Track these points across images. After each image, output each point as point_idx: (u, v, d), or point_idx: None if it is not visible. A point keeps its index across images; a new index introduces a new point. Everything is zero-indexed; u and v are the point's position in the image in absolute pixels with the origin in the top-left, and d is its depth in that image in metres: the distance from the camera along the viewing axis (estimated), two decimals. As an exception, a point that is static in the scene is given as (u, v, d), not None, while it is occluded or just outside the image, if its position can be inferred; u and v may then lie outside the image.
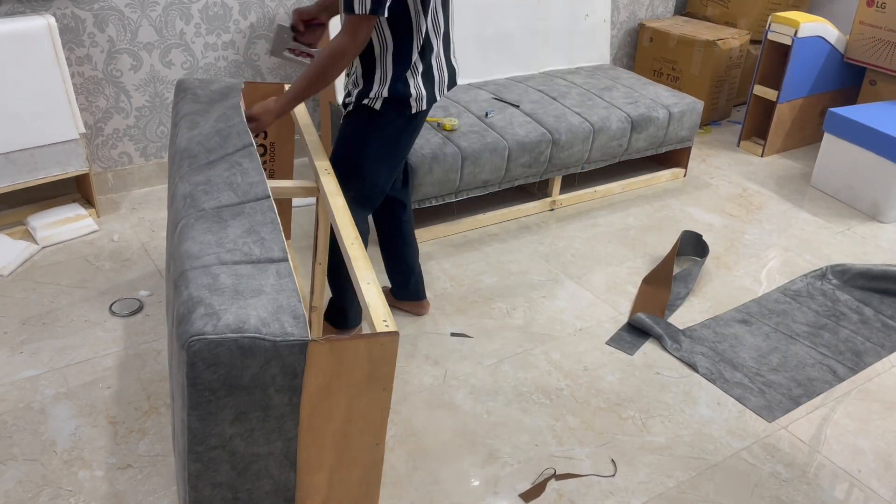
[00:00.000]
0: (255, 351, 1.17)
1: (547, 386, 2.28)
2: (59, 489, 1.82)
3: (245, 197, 1.54)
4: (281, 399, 1.23)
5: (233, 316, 1.18)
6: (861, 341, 2.58)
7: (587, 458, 2.03)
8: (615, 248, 3.05)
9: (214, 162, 1.64)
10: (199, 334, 1.15)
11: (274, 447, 1.28)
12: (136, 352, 2.29)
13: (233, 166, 1.63)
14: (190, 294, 1.23)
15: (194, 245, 1.36)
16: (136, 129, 3.12)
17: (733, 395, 2.29)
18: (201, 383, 1.17)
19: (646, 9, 4.44)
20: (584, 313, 2.63)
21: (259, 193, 1.54)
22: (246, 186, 1.56)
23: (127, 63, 2.97)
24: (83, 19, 2.82)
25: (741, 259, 3.04)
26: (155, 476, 1.87)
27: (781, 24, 3.76)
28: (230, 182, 1.58)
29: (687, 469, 2.02)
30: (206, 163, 1.64)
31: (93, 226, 2.89)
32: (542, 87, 3.50)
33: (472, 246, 2.99)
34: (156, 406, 2.09)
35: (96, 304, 2.48)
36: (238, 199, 1.53)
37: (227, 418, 1.22)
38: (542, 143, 3.06)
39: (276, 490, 1.34)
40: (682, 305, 2.71)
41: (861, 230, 3.33)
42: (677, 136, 3.53)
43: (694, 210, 3.40)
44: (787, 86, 3.84)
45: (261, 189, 1.55)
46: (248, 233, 1.43)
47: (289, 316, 1.22)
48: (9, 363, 2.21)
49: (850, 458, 2.10)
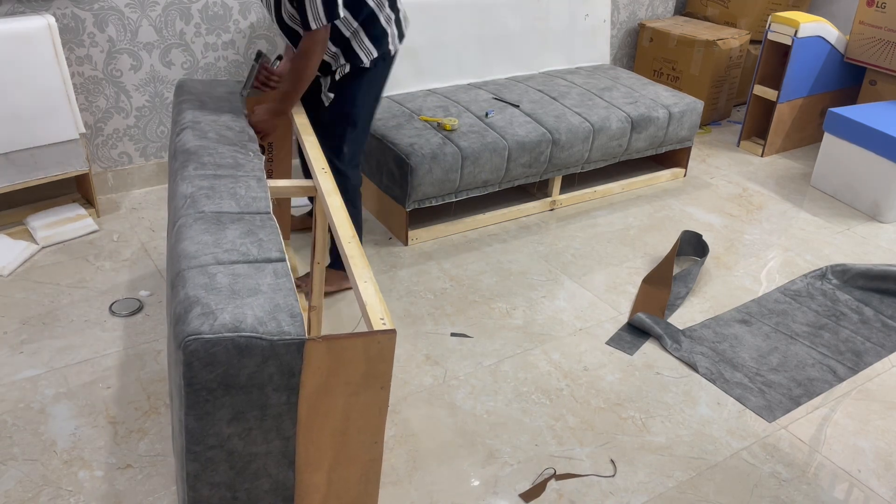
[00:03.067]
0: (251, 350, 1.17)
1: (547, 386, 2.28)
2: (59, 489, 1.82)
3: (246, 209, 1.55)
4: (278, 398, 1.23)
5: (229, 315, 1.18)
6: (861, 341, 2.57)
7: (587, 458, 2.02)
8: (615, 248, 3.05)
9: (221, 176, 1.65)
10: (195, 334, 1.15)
11: (272, 446, 1.28)
12: (136, 352, 2.29)
13: (238, 181, 1.64)
14: (186, 293, 1.23)
15: (191, 245, 1.36)
16: (136, 129, 3.12)
17: (733, 395, 2.29)
18: (198, 383, 1.17)
19: (646, 9, 4.44)
20: (584, 313, 2.63)
21: (261, 208, 1.55)
22: (249, 199, 1.58)
23: (127, 63, 2.97)
24: (83, 19, 2.82)
25: (741, 259, 3.04)
26: (155, 476, 1.87)
27: (781, 24, 3.76)
28: (233, 193, 1.59)
29: (687, 469, 2.02)
30: (214, 174, 1.65)
31: (93, 226, 2.89)
32: (542, 87, 3.50)
33: (471, 246, 2.99)
34: (156, 406, 2.09)
35: (96, 304, 2.49)
36: (239, 209, 1.54)
37: (224, 418, 1.22)
38: (542, 143, 3.06)
39: (274, 489, 1.34)
40: (682, 305, 2.71)
41: (861, 230, 3.33)
42: (677, 136, 3.53)
43: (694, 210, 3.40)
44: (787, 86, 3.84)
45: (263, 205, 1.56)
46: (246, 234, 1.43)
47: (286, 315, 1.22)
48: (9, 363, 2.21)
49: (850, 458, 2.10)
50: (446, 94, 3.34)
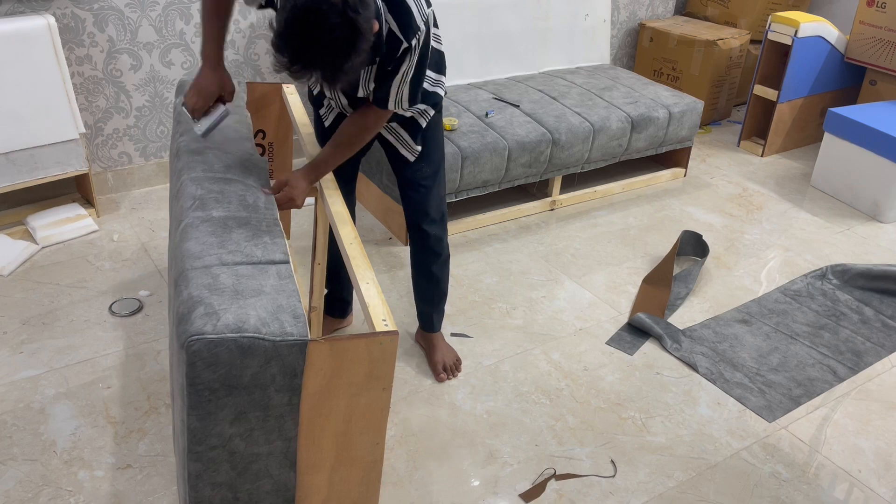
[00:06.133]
0: (254, 351, 1.17)
1: (547, 386, 2.28)
2: (59, 489, 1.82)
3: (254, 213, 1.55)
4: (281, 399, 1.23)
5: (232, 316, 1.19)
6: (861, 341, 2.58)
7: (587, 458, 2.02)
8: (615, 248, 3.05)
9: (231, 181, 1.65)
10: (198, 334, 1.15)
11: (274, 447, 1.28)
12: (136, 352, 2.28)
13: (248, 188, 1.64)
14: (190, 293, 1.23)
15: (196, 245, 1.36)
16: (136, 128, 3.12)
17: (733, 395, 2.29)
18: (201, 383, 1.17)
19: (646, 9, 4.44)
20: (584, 313, 2.63)
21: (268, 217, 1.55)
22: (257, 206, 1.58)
23: (127, 63, 2.97)
24: (83, 19, 2.82)
25: (741, 259, 3.04)
26: (155, 476, 1.87)
27: (781, 24, 3.76)
28: (242, 200, 1.59)
29: (687, 469, 2.02)
30: (223, 178, 1.64)
31: (93, 226, 2.89)
32: (542, 87, 3.50)
33: (472, 246, 2.99)
34: (156, 406, 2.09)
35: (96, 304, 2.48)
36: (246, 215, 1.54)
37: (226, 418, 1.22)
38: (542, 143, 3.06)
39: (276, 490, 1.34)
40: (682, 305, 2.71)
41: (861, 230, 3.33)
42: (677, 136, 3.53)
43: (694, 210, 3.40)
44: (787, 86, 3.84)
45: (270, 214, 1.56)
46: (251, 237, 1.43)
47: (289, 316, 1.22)
48: (9, 363, 2.21)
49: (850, 458, 2.10)
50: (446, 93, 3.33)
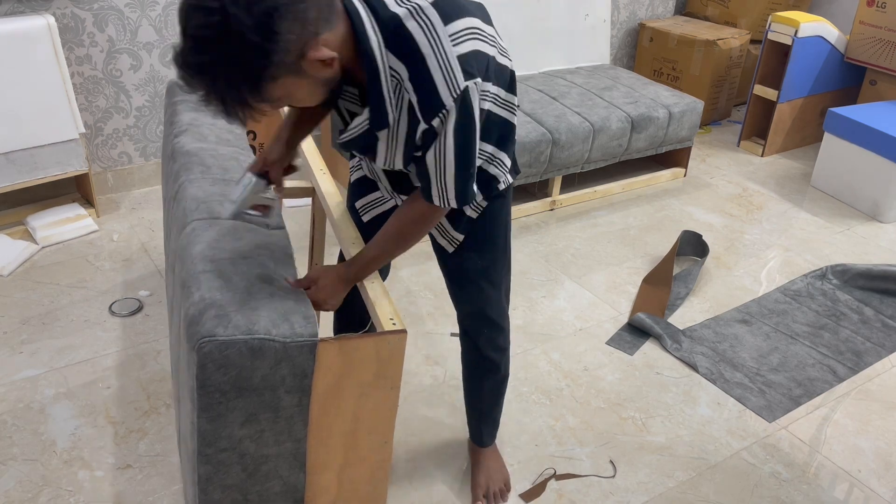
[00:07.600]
0: (265, 352, 1.17)
1: (547, 386, 2.28)
2: (59, 489, 1.82)
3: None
4: (291, 400, 1.23)
5: (243, 317, 1.18)
6: (861, 341, 2.57)
7: (587, 458, 2.02)
8: (615, 248, 3.05)
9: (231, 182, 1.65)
10: (209, 336, 1.15)
11: (283, 448, 1.28)
12: (136, 352, 2.28)
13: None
14: (202, 296, 1.22)
15: (207, 248, 1.36)
16: (135, 128, 3.12)
17: (733, 395, 2.29)
18: (211, 385, 1.17)
19: (646, 9, 4.44)
20: (584, 313, 2.63)
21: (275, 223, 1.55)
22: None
23: (127, 63, 2.97)
24: (83, 19, 2.82)
25: (741, 259, 3.04)
26: (155, 476, 1.87)
27: (781, 24, 3.76)
28: None
29: (687, 469, 2.02)
30: (222, 179, 1.64)
31: (92, 226, 2.89)
32: (542, 86, 3.49)
33: (472, 246, 2.99)
34: (156, 406, 2.09)
35: (96, 304, 2.48)
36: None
37: (237, 420, 1.22)
38: (542, 143, 3.06)
39: (285, 491, 1.33)
40: (682, 305, 2.71)
41: (861, 230, 3.33)
42: (677, 135, 3.53)
43: (694, 210, 3.40)
44: (787, 86, 3.84)
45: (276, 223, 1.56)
46: (261, 245, 1.43)
47: (299, 317, 1.22)
48: (9, 363, 2.21)
49: (850, 458, 2.10)
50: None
